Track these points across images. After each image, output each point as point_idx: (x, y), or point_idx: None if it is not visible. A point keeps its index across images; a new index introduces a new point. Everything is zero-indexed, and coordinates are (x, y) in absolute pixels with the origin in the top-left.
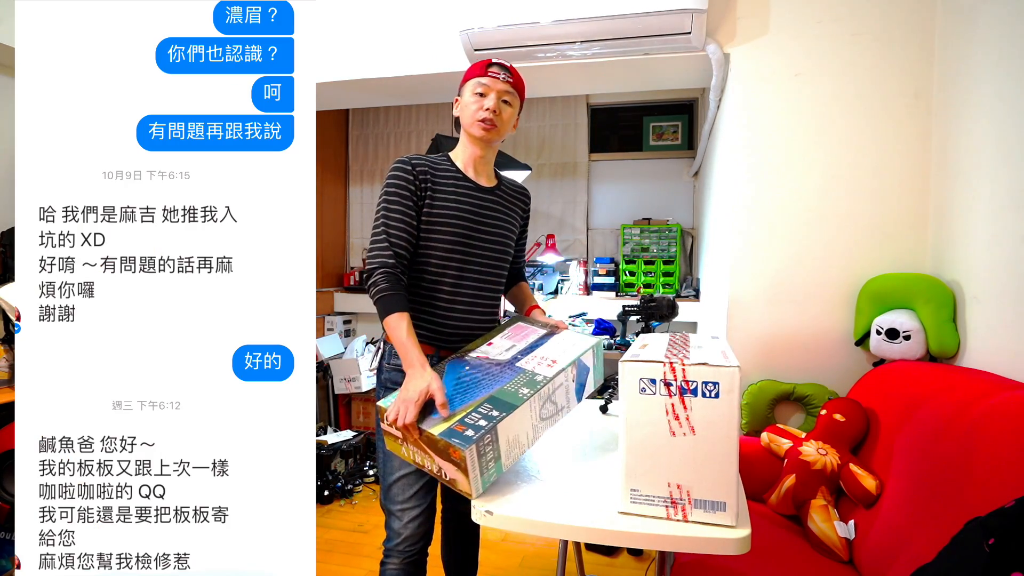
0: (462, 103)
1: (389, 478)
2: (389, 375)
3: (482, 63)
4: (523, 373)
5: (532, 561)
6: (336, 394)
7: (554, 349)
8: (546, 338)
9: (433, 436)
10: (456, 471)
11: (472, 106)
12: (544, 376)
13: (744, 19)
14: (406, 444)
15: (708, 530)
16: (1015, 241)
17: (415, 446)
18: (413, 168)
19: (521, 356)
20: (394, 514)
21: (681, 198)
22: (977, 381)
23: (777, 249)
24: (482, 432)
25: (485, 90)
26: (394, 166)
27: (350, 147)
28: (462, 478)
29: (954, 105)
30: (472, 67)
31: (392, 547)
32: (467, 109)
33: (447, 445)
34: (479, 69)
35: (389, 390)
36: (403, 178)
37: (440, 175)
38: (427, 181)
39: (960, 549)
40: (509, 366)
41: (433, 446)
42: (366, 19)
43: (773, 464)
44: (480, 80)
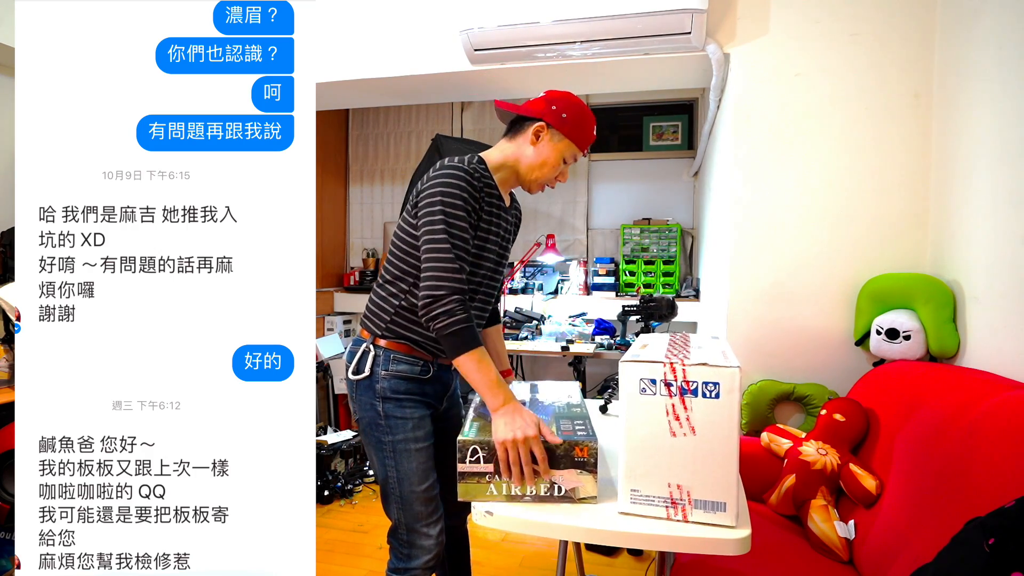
0: (545, 154)
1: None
2: (389, 383)
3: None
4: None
5: (532, 561)
6: (336, 394)
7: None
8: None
9: (554, 442)
10: (578, 476)
11: (553, 170)
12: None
13: (744, 19)
14: (497, 478)
15: (708, 530)
16: (1015, 241)
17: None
18: (479, 182)
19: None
20: (419, 532)
21: (681, 198)
22: (977, 381)
23: (777, 249)
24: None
25: (571, 162)
26: (458, 175)
27: (350, 147)
28: (586, 480)
29: (954, 105)
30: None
31: (421, 564)
32: (547, 168)
33: (571, 444)
34: (585, 142)
35: (387, 400)
36: (472, 196)
37: (486, 192)
38: (482, 201)
39: (960, 549)
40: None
41: (552, 457)
42: (366, 19)
43: (773, 464)
44: (576, 154)
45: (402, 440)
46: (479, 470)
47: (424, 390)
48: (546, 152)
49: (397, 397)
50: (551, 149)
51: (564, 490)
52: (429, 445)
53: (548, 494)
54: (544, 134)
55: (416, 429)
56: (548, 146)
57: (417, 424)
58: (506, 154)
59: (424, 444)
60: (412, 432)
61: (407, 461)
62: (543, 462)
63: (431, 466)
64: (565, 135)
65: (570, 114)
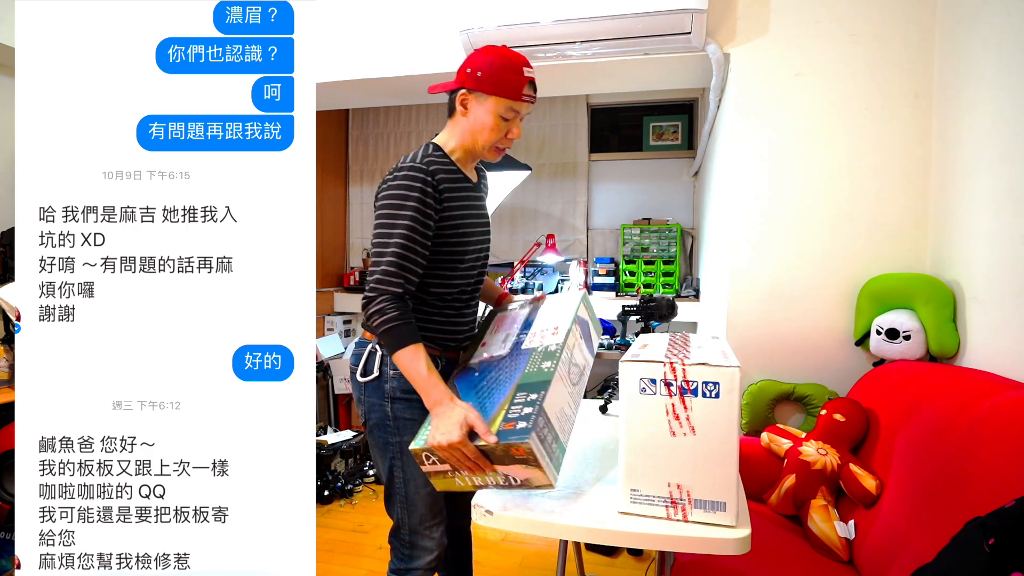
0: (479, 119)
1: (416, 500)
2: (399, 382)
3: (515, 79)
4: (535, 351)
5: (532, 561)
6: (336, 394)
7: (548, 318)
8: (534, 313)
9: (489, 445)
10: (525, 469)
11: (494, 133)
12: (556, 343)
13: (744, 19)
14: (458, 473)
15: (708, 530)
16: (1015, 241)
17: (470, 469)
18: (433, 178)
19: (521, 340)
20: (422, 534)
21: (681, 198)
22: (977, 381)
23: (777, 249)
24: (533, 417)
25: (513, 117)
26: (411, 175)
27: (350, 147)
28: (535, 473)
29: (954, 105)
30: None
31: (423, 565)
32: (486, 132)
33: (507, 446)
34: (511, 89)
35: (397, 401)
36: (424, 191)
37: (449, 179)
38: (444, 191)
39: (960, 549)
40: (516, 354)
41: (492, 455)
42: (366, 19)
43: (773, 464)
44: (512, 106)
45: (410, 442)
46: (439, 469)
47: None
48: (478, 116)
49: (407, 397)
50: (482, 112)
51: (519, 480)
52: None
53: (507, 484)
54: (469, 100)
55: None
56: (478, 110)
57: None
58: (452, 133)
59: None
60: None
61: (413, 463)
62: (479, 461)
63: None
64: (488, 93)
65: (485, 70)
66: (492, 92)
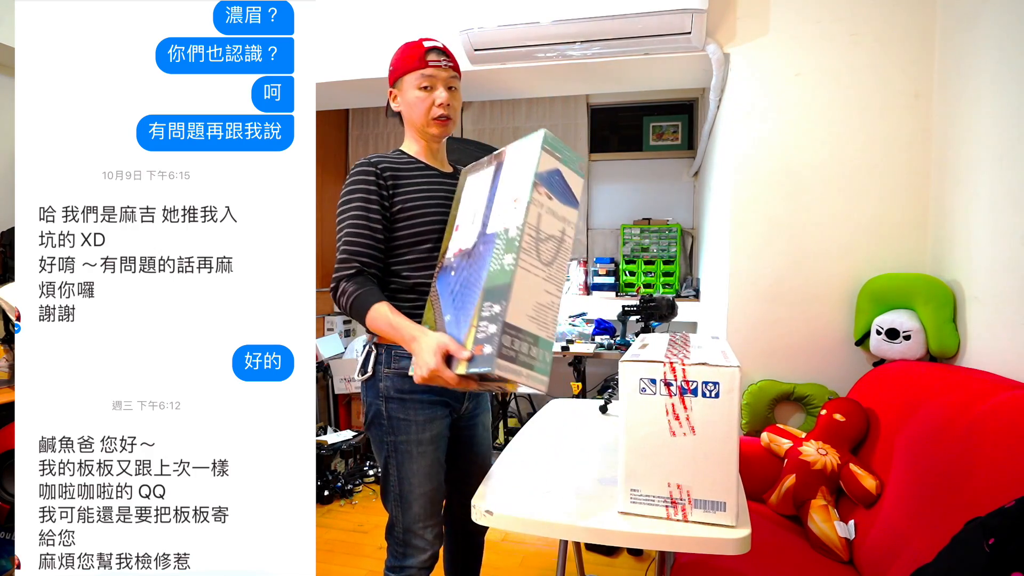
0: (405, 100)
1: (410, 499)
2: (392, 381)
3: (415, 51)
4: (497, 238)
5: (532, 561)
6: (336, 394)
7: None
8: (497, 174)
9: (466, 376)
10: (508, 384)
11: (421, 104)
12: (516, 226)
13: (744, 19)
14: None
15: (708, 530)
16: (1015, 241)
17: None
18: (376, 167)
19: (487, 218)
20: (415, 533)
21: (681, 198)
22: (977, 381)
23: (777, 249)
24: (496, 338)
25: (431, 83)
26: (356, 171)
27: (350, 147)
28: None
29: (954, 105)
30: (403, 56)
31: (416, 564)
32: (416, 108)
33: (477, 376)
34: (416, 60)
35: (391, 400)
36: (366, 180)
37: (404, 169)
38: (392, 178)
39: (960, 549)
40: (483, 241)
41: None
42: (366, 19)
43: (773, 464)
44: (423, 73)
45: (404, 441)
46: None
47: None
48: (405, 100)
49: (401, 397)
50: (406, 96)
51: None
52: (435, 448)
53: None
54: (395, 94)
55: (420, 432)
56: (403, 97)
57: (422, 427)
58: (405, 132)
59: (428, 448)
60: (415, 435)
61: (408, 462)
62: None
63: (437, 470)
64: (401, 76)
65: (393, 63)
66: (403, 73)
